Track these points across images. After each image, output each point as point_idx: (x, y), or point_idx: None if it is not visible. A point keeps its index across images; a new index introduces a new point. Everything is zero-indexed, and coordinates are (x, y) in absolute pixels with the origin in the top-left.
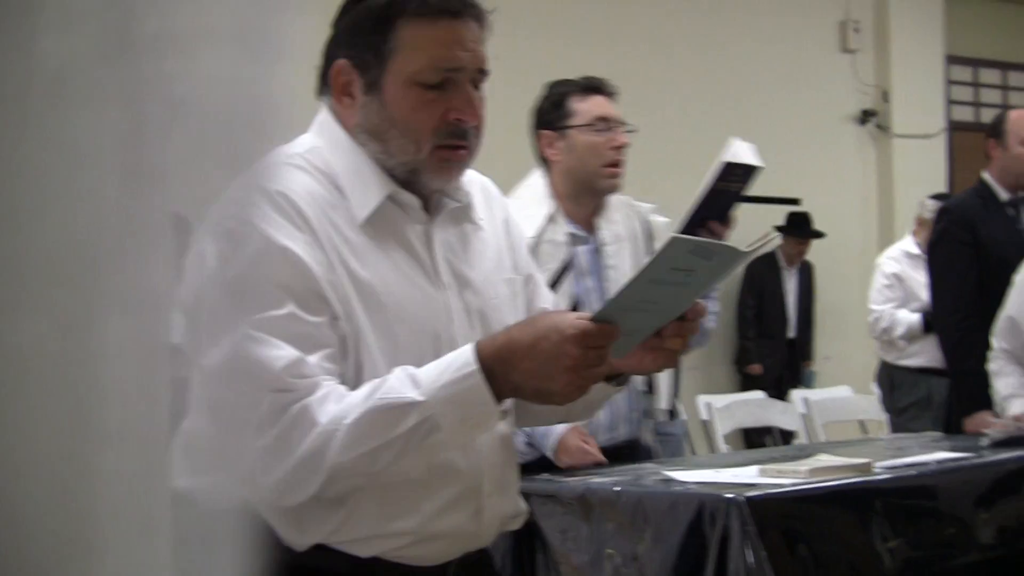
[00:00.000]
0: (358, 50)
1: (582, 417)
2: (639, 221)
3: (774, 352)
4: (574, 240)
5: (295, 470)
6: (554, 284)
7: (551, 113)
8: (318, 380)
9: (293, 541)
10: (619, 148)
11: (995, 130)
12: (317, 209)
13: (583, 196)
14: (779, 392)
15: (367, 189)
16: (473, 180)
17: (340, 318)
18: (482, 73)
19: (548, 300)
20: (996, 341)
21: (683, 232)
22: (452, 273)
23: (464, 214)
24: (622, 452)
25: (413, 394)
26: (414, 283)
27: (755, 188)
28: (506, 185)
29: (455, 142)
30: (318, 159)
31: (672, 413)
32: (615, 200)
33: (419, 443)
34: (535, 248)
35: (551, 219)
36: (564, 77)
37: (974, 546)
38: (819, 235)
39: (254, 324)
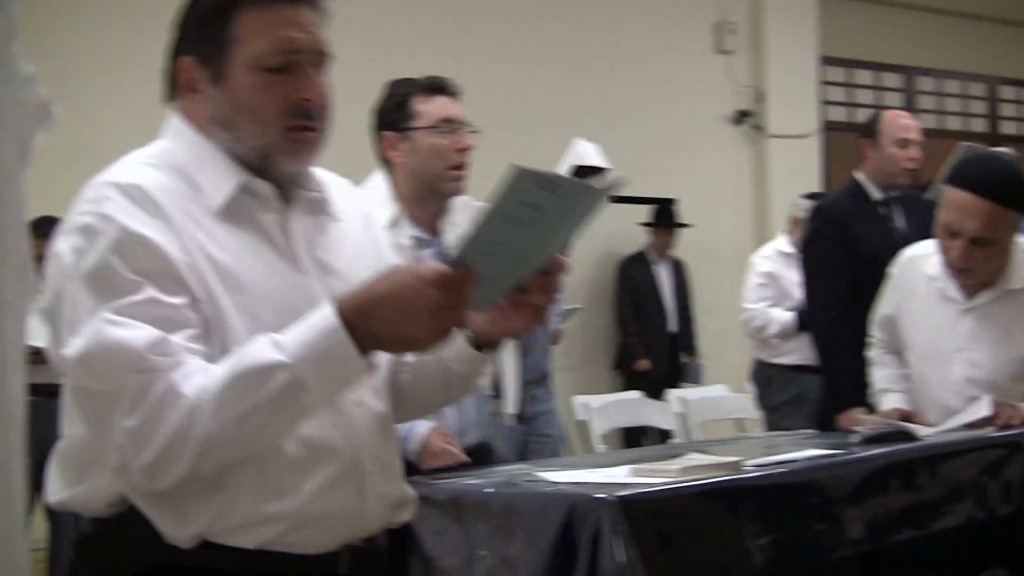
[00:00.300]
0: (200, 45)
1: (461, 396)
2: None
3: (658, 347)
4: (419, 243)
5: (166, 446)
6: None
7: (394, 114)
8: (182, 358)
9: (177, 536)
10: (464, 150)
11: (869, 130)
12: (171, 199)
13: (427, 199)
14: (669, 387)
15: (221, 179)
16: (329, 179)
17: (201, 300)
18: (323, 56)
19: None
20: (875, 331)
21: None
22: (313, 260)
23: (320, 207)
24: (473, 457)
25: (277, 355)
26: (275, 267)
27: (630, 188)
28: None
29: (303, 123)
30: (169, 158)
31: (520, 417)
32: (460, 202)
33: (287, 405)
34: None
35: (395, 222)
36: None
37: (844, 542)
38: (684, 226)
39: (114, 310)
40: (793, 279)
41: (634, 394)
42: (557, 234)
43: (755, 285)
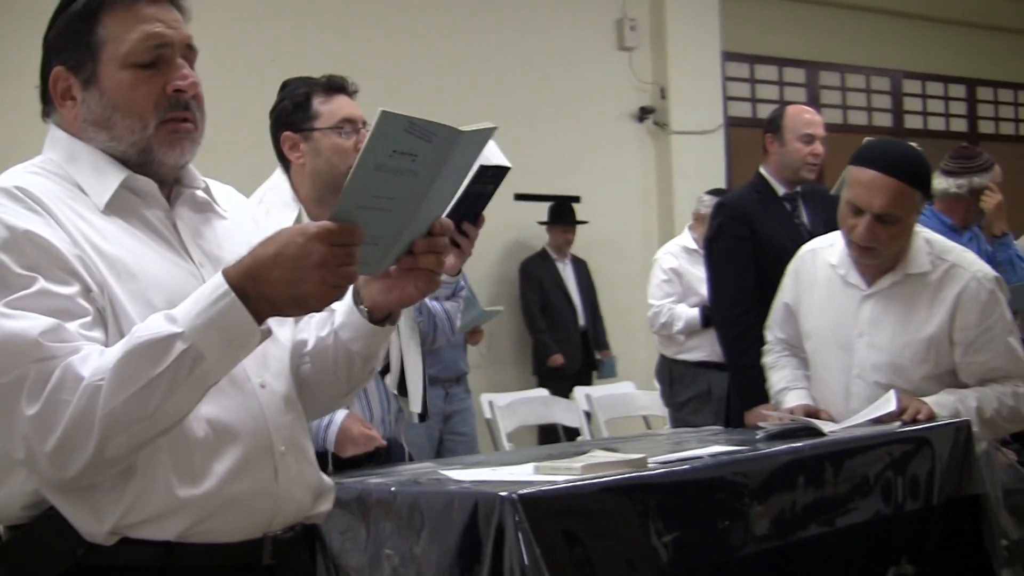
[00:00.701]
0: (70, 52)
1: (365, 379)
2: None
3: (570, 344)
4: None
5: (69, 429)
6: None
7: (293, 114)
8: (79, 344)
9: (93, 531)
10: None
11: (772, 125)
12: (56, 199)
13: (330, 199)
14: (585, 384)
15: (103, 179)
16: (214, 184)
17: (93, 290)
18: (191, 49)
19: None
20: (770, 333)
21: None
22: (203, 252)
23: (206, 205)
24: (379, 453)
25: (171, 327)
26: (164, 257)
27: (534, 186)
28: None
29: (179, 114)
30: (52, 166)
31: (422, 416)
32: None
33: (187, 375)
34: None
35: (298, 223)
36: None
37: (750, 538)
38: (581, 223)
39: (6, 305)
40: (698, 275)
41: (541, 392)
42: (439, 189)
43: (659, 281)
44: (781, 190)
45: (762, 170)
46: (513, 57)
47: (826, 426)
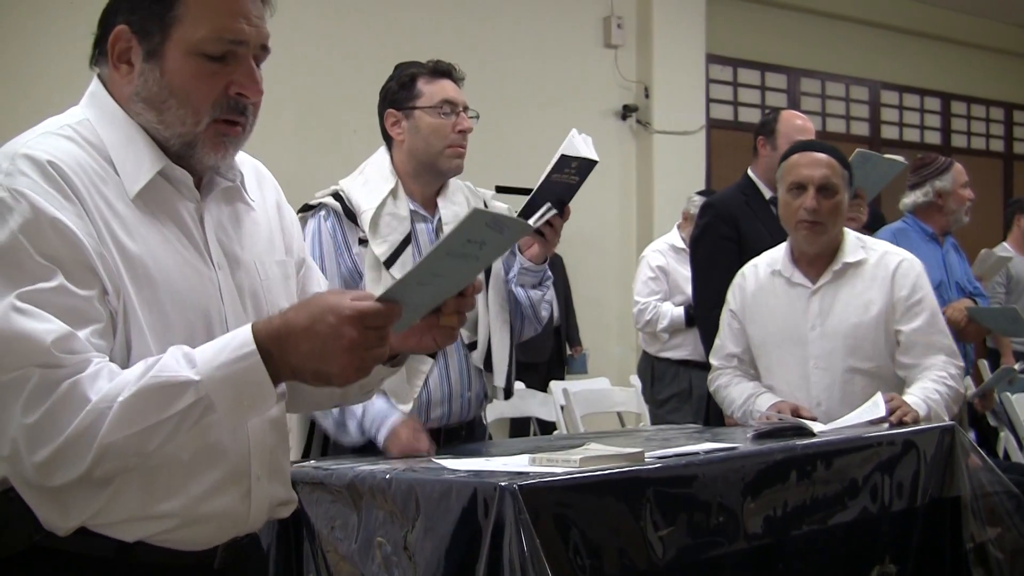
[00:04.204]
0: (140, 16)
1: (359, 400)
2: (479, 204)
3: (544, 339)
4: (415, 218)
5: (63, 448)
6: (395, 256)
7: (399, 93)
8: (89, 356)
9: (55, 524)
10: (462, 132)
11: (766, 128)
12: (87, 180)
13: (425, 175)
14: (556, 379)
15: (139, 163)
16: (245, 161)
17: (109, 293)
18: (264, 50)
19: (322, 285)
20: (715, 357)
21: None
22: (223, 252)
23: (236, 194)
24: (459, 431)
25: (189, 373)
26: (185, 260)
27: (515, 179)
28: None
29: (233, 117)
30: (88, 131)
31: (507, 392)
32: (455, 183)
33: (193, 423)
34: (376, 219)
35: (393, 194)
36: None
37: (742, 535)
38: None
39: (22, 297)
40: (684, 274)
41: (518, 385)
42: (485, 264)
43: (646, 279)
44: (768, 193)
45: (750, 172)
46: (499, 50)
47: (814, 425)
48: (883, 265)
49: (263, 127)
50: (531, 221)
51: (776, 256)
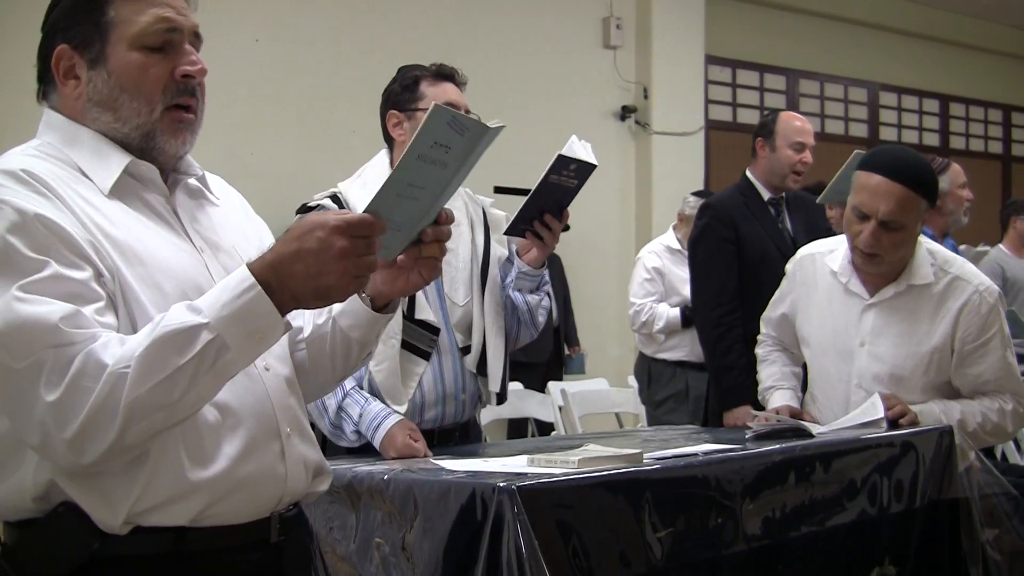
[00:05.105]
0: (76, 31)
1: (362, 363)
2: (478, 210)
3: (542, 340)
4: None
5: (91, 416)
6: None
7: (401, 95)
8: (97, 330)
9: (107, 521)
10: None
11: (765, 129)
12: (61, 183)
13: None
14: (554, 379)
15: (106, 164)
16: (207, 176)
17: (104, 275)
18: (197, 38)
19: None
20: (765, 328)
21: (517, 223)
22: (201, 238)
23: (200, 192)
24: (453, 433)
25: (197, 318)
26: (170, 242)
27: (514, 179)
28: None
29: (184, 100)
30: (51, 150)
31: (501, 397)
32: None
33: (210, 365)
34: None
35: None
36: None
37: (741, 536)
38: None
39: (22, 288)
40: (680, 275)
41: (515, 385)
42: (455, 179)
43: (642, 280)
44: (767, 194)
45: (749, 173)
46: (498, 51)
47: (813, 427)
48: (951, 295)
49: (263, 127)
50: (491, 124)
51: (838, 254)
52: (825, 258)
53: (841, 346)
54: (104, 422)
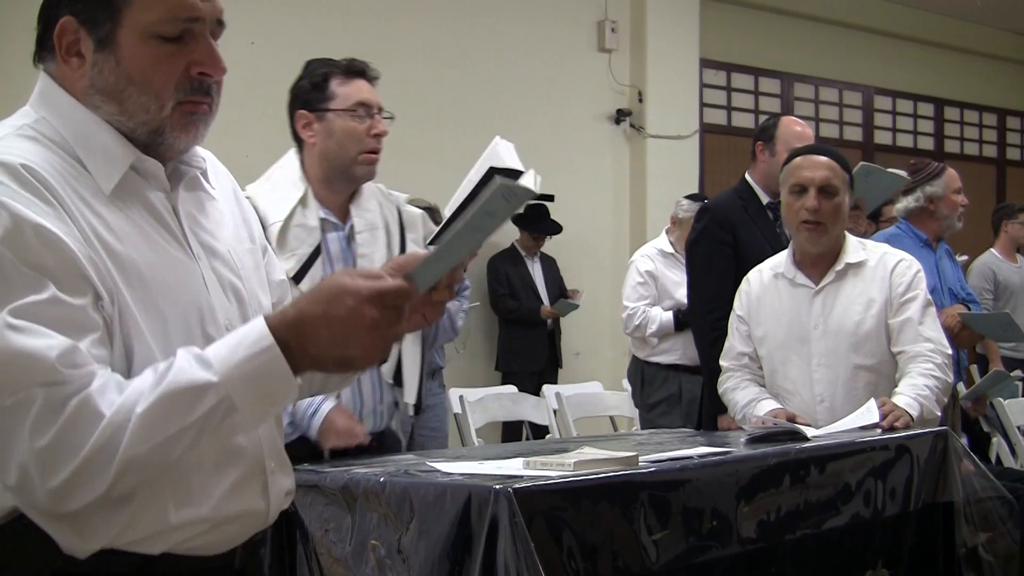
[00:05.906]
0: (85, 4)
1: (339, 386)
2: (393, 210)
3: (535, 340)
4: (326, 226)
5: (81, 469)
6: (304, 270)
7: (311, 93)
8: (92, 369)
9: (75, 548)
10: (378, 136)
11: (765, 134)
12: (62, 181)
13: (337, 181)
14: (549, 381)
15: (109, 158)
16: (198, 151)
17: (103, 298)
18: (220, 25)
19: (281, 272)
20: (726, 359)
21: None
22: (199, 243)
23: (196, 182)
24: (373, 443)
25: (207, 375)
26: (170, 255)
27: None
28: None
29: (198, 98)
30: (48, 130)
31: (418, 407)
32: (369, 188)
33: (216, 426)
34: (284, 231)
35: (302, 202)
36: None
37: (736, 539)
38: (553, 232)
39: (14, 312)
40: (673, 279)
41: (510, 388)
42: (489, 234)
43: (635, 283)
44: (765, 198)
45: (748, 177)
46: (493, 54)
47: (808, 430)
48: (882, 264)
49: (258, 130)
50: (530, 185)
51: (779, 260)
52: (768, 268)
53: (798, 334)
54: (94, 475)
